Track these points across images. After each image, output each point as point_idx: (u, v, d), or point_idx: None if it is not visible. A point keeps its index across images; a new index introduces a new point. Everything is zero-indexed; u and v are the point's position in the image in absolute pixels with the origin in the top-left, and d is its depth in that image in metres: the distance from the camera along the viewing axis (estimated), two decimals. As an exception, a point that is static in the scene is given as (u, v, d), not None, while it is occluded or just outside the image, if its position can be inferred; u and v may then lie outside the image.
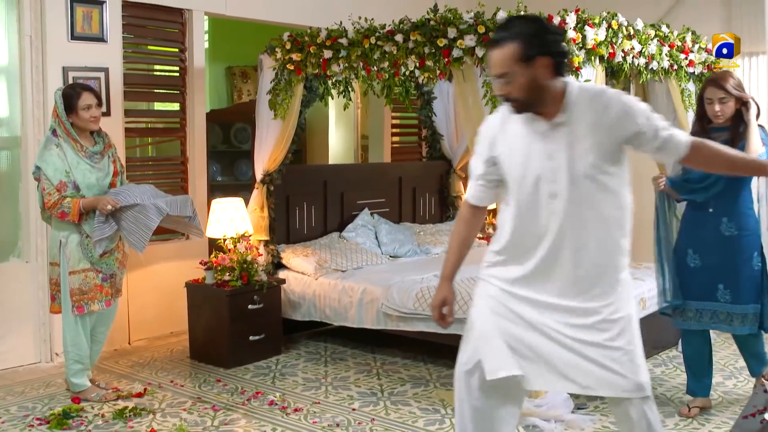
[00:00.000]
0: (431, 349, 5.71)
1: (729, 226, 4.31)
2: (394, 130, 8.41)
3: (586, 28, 4.54)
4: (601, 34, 4.64)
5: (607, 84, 5.05)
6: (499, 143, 2.95)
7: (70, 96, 4.74)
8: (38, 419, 4.54)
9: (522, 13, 4.57)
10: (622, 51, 4.86)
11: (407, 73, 6.20)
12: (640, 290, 5.50)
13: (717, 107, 4.28)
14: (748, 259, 4.34)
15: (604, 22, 4.69)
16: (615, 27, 4.76)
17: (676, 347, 5.87)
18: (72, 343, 4.82)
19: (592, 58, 4.66)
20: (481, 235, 7.51)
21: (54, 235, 4.80)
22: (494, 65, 2.79)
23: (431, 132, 7.53)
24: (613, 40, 4.77)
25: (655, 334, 5.75)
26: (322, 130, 9.11)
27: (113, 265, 4.86)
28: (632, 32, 4.95)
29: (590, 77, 4.67)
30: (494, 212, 7.52)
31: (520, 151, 2.88)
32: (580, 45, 4.53)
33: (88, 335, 4.86)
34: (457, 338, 5.11)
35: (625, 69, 4.97)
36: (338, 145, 9.13)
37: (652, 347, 5.75)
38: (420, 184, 7.44)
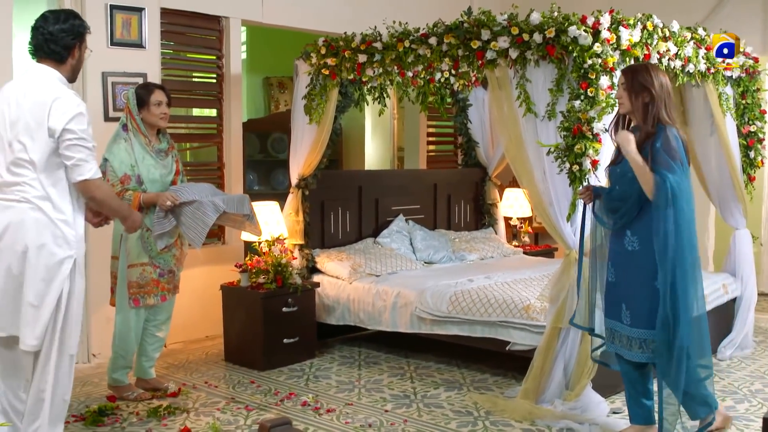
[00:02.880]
0: (465, 353, 5.69)
1: (631, 240, 3.90)
2: (430, 139, 8.42)
3: (621, 28, 4.52)
4: (636, 35, 4.61)
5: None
6: None
7: (143, 92, 4.88)
8: (74, 416, 4.60)
9: (555, 14, 4.57)
10: (658, 53, 4.83)
11: (442, 80, 6.25)
12: None
13: (617, 92, 4.00)
14: (648, 279, 3.84)
15: (639, 23, 4.67)
16: (650, 28, 4.74)
17: (715, 354, 5.78)
18: (119, 337, 4.88)
19: (627, 59, 4.63)
20: (517, 243, 7.51)
21: (116, 229, 4.85)
22: None
23: (467, 139, 7.53)
24: (648, 41, 4.74)
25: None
26: (358, 140, 9.17)
27: (171, 262, 4.92)
28: (668, 34, 4.92)
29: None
30: (530, 220, 7.50)
31: None
32: (615, 46, 4.51)
33: (138, 332, 4.90)
34: (492, 342, 5.14)
35: (661, 71, 4.93)
36: (374, 156, 9.18)
37: None
38: (455, 191, 7.43)
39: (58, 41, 3.72)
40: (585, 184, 4.39)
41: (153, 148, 4.87)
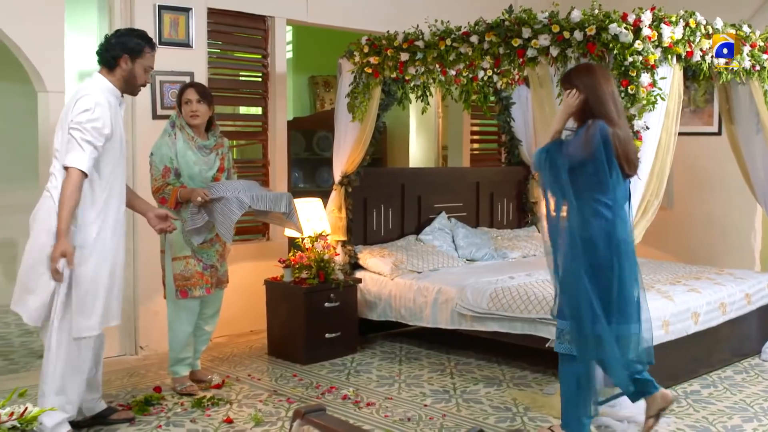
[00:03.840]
0: (505, 350, 5.71)
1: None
2: (474, 137, 8.44)
3: (662, 26, 4.51)
4: (678, 32, 4.60)
5: (686, 84, 5.00)
6: None
7: (179, 91, 5.03)
8: (121, 405, 4.73)
9: (596, 12, 4.57)
10: (700, 50, 4.80)
11: (485, 78, 6.27)
12: (720, 295, 5.40)
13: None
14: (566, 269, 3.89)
15: (681, 20, 4.65)
16: (692, 25, 4.72)
17: (759, 355, 5.73)
18: (170, 328, 5.01)
19: (669, 56, 4.62)
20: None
21: None
22: None
23: (510, 138, 7.53)
24: (691, 38, 4.72)
25: (736, 341, 5.65)
26: (403, 139, 9.22)
27: (213, 257, 5.00)
28: (711, 31, 4.89)
29: (667, 76, 4.64)
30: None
31: None
32: (656, 43, 4.50)
33: (189, 325, 5.00)
34: (532, 339, 5.15)
35: (704, 69, 4.91)
36: (418, 154, 9.22)
37: (733, 354, 5.63)
38: (498, 190, 7.45)
39: (109, 50, 4.17)
40: None
41: (196, 143, 4.95)
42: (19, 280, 4.10)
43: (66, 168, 3.93)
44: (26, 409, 2.94)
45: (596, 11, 4.60)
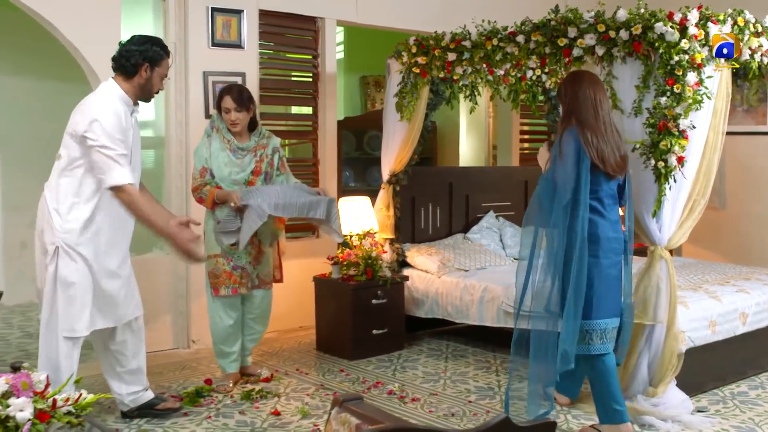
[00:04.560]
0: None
1: None
2: (523, 137, 8.45)
3: (709, 24, 4.49)
4: (726, 30, 4.57)
5: (734, 84, 4.96)
6: None
7: (218, 96, 5.08)
8: (173, 396, 4.87)
9: (642, 11, 4.57)
10: (749, 48, 4.76)
11: (534, 77, 6.28)
12: (744, 304, 5.21)
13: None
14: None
15: (729, 18, 4.62)
16: (741, 24, 4.68)
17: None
18: (211, 324, 5.12)
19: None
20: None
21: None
22: None
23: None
24: (740, 37, 4.68)
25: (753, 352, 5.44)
26: (453, 138, 9.26)
27: (243, 258, 5.03)
28: (761, 29, 4.84)
29: (714, 75, 4.62)
30: (623, 218, 7.41)
31: None
32: (703, 42, 4.48)
33: (230, 321, 5.06)
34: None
35: (753, 68, 4.87)
36: (469, 153, 9.26)
37: (750, 367, 5.41)
38: (546, 189, 7.44)
39: (129, 58, 4.22)
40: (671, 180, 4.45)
41: (232, 145, 4.98)
42: None
43: (114, 188, 4.08)
44: (81, 395, 3.06)
45: (642, 10, 4.60)
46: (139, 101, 4.34)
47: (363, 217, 6.02)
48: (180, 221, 4.29)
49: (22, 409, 2.84)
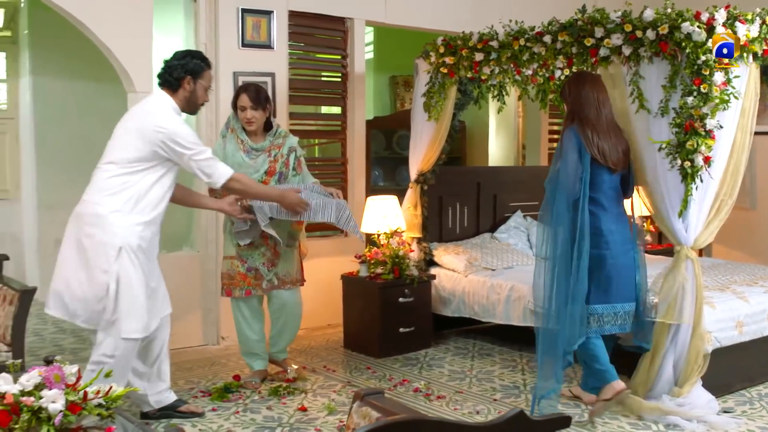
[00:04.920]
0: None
1: None
2: (552, 137, 8.45)
3: (737, 24, 4.47)
4: (754, 30, 4.56)
5: (763, 83, 4.94)
6: None
7: (234, 95, 5.12)
8: (202, 392, 4.96)
9: (669, 10, 4.57)
10: (780, 47, 4.74)
11: (562, 77, 6.28)
12: (736, 313, 5.00)
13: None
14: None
15: (757, 18, 4.60)
16: (770, 23, 4.66)
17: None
18: (234, 321, 5.19)
19: (745, 55, 4.58)
20: (638, 242, 7.43)
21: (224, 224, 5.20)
22: None
23: (587, 136, 7.51)
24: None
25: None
26: (482, 138, 9.27)
27: (257, 260, 5.04)
28: (790, 29, 4.81)
29: (742, 75, 4.60)
30: (653, 218, 7.41)
31: None
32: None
33: (249, 319, 5.12)
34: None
35: (783, 67, 4.84)
36: (498, 153, 9.26)
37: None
38: (575, 188, 7.44)
39: (171, 72, 4.33)
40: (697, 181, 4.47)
41: (245, 146, 5.00)
42: None
43: (227, 184, 4.32)
44: (111, 387, 3.13)
45: (669, 10, 4.60)
46: (184, 113, 4.46)
47: (390, 216, 6.06)
48: (229, 202, 4.72)
49: (54, 400, 2.92)
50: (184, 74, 4.32)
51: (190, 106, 4.43)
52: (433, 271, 6.29)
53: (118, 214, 4.12)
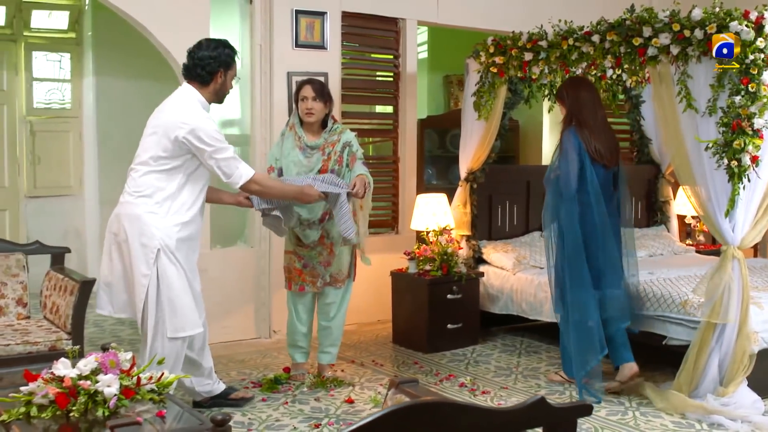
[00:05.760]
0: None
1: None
2: (606, 136, 8.42)
3: (786, 22, 4.45)
4: (805, 29, 4.52)
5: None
6: None
7: (297, 87, 5.14)
8: (252, 382, 5.11)
9: (717, 9, 4.56)
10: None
11: (614, 76, 6.29)
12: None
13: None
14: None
15: (808, 16, 4.57)
16: (821, 21, 4.62)
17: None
18: (288, 315, 5.30)
19: (795, 53, 4.55)
20: (690, 242, 7.40)
21: None
22: None
23: (639, 136, 7.51)
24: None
25: None
26: (536, 137, 9.28)
27: (314, 258, 5.07)
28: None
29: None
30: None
31: None
32: (780, 40, 4.45)
33: (301, 313, 5.20)
34: (650, 336, 5.17)
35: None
36: (552, 152, 9.23)
37: None
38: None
39: (204, 66, 4.24)
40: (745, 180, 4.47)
41: (302, 142, 5.00)
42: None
43: (245, 185, 4.26)
44: (163, 374, 3.28)
45: (717, 9, 4.59)
46: (212, 104, 4.38)
47: (439, 214, 6.14)
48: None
49: (109, 384, 3.08)
50: (217, 68, 4.24)
51: (219, 98, 4.34)
52: (482, 268, 6.35)
53: (155, 216, 4.10)
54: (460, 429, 1.74)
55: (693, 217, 7.44)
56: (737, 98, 4.42)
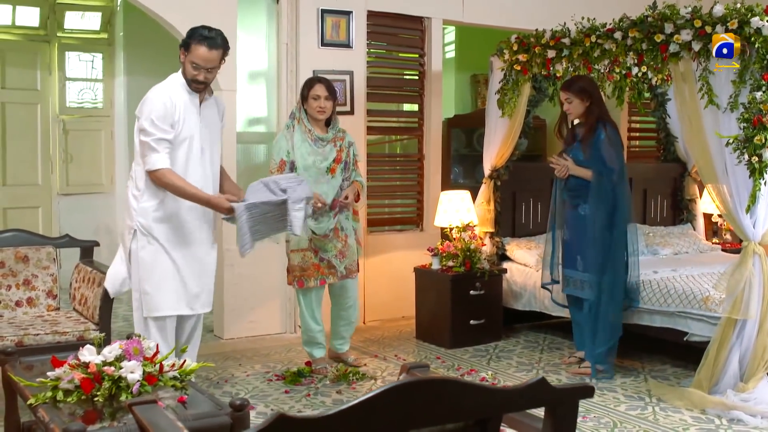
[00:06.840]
0: (646, 343, 5.73)
1: (583, 208, 5.27)
2: (632, 134, 8.42)
3: (808, 18, 4.45)
4: (827, 24, 4.51)
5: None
6: None
7: (306, 85, 5.23)
8: (276, 375, 5.19)
9: (738, 6, 4.57)
10: None
11: (639, 74, 6.29)
12: None
13: (565, 106, 5.37)
14: (595, 236, 5.20)
15: (831, 12, 4.56)
16: None
17: None
18: (300, 313, 5.38)
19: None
20: (717, 240, 7.37)
21: None
22: None
23: (665, 134, 7.49)
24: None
25: None
26: (563, 136, 9.27)
27: (330, 252, 5.18)
28: None
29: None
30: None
31: None
32: (802, 36, 4.44)
33: (314, 310, 5.29)
34: (671, 332, 5.18)
35: None
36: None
37: None
38: (651, 186, 7.42)
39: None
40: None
41: (312, 135, 5.11)
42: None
43: (150, 172, 4.17)
44: (185, 361, 3.37)
45: (738, 5, 4.60)
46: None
47: (462, 211, 6.18)
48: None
49: (132, 371, 3.17)
50: (180, 47, 4.32)
51: (187, 82, 4.30)
52: (505, 265, 6.38)
53: (135, 199, 4.26)
54: (461, 407, 1.78)
55: (719, 216, 7.40)
56: (758, 94, 4.42)
